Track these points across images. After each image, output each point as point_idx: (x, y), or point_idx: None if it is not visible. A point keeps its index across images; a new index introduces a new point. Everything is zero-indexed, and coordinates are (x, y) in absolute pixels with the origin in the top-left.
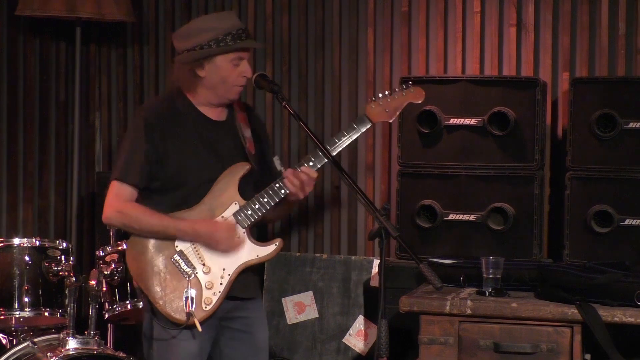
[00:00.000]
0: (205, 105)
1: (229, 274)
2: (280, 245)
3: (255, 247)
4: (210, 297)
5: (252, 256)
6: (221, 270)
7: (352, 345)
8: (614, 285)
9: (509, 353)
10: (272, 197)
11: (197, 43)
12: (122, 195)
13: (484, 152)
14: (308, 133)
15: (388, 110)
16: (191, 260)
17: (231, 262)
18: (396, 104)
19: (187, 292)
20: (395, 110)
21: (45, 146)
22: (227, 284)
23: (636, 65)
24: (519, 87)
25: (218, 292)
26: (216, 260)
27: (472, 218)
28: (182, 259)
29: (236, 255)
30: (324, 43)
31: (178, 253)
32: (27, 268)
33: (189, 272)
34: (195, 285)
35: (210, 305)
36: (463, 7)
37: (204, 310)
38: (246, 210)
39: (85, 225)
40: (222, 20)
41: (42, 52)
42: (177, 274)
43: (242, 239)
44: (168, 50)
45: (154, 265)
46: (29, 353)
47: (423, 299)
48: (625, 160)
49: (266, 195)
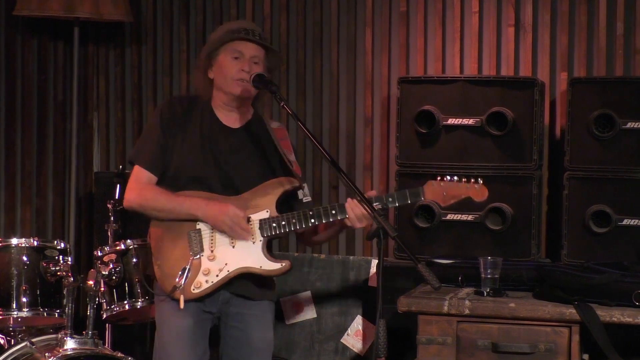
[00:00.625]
0: (221, 109)
1: (228, 270)
2: (286, 267)
3: (264, 258)
4: (201, 282)
5: (257, 265)
6: (223, 263)
7: (350, 346)
8: (612, 285)
9: (507, 353)
10: (314, 218)
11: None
12: (141, 179)
13: (482, 152)
14: (306, 133)
15: (445, 195)
16: (203, 242)
17: (236, 261)
18: (456, 192)
19: (186, 267)
20: (452, 199)
21: (43, 146)
22: (222, 278)
23: (634, 66)
24: (517, 87)
25: (211, 282)
26: (224, 253)
27: (470, 218)
28: (196, 236)
29: (243, 256)
30: (322, 43)
31: (196, 230)
32: (25, 268)
33: (196, 251)
34: (195, 266)
35: (198, 290)
36: (461, 7)
37: (191, 292)
38: (273, 222)
39: (83, 225)
40: (231, 23)
41: (40, 52)
42: (185, 248)
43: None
44: (166, 50)
45: (170, 231)
46: (27, 353)
47: (421, 299)
48: (624, 160)
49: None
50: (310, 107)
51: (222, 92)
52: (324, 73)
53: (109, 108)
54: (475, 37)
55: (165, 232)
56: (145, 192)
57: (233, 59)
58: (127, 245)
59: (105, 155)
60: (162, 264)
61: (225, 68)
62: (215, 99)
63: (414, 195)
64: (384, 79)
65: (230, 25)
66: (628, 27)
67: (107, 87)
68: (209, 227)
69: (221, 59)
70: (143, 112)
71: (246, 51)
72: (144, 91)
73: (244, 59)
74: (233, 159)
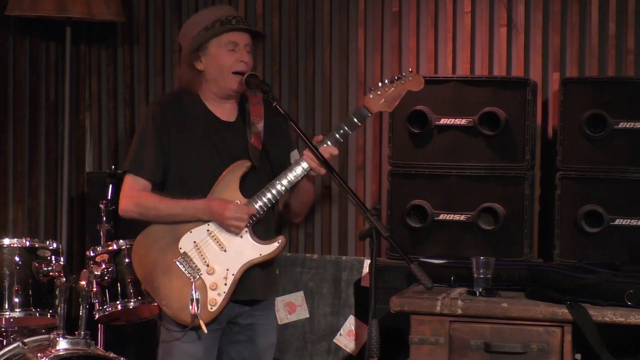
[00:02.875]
0: (213, 102)
1: (232, 274)
2: (283, 242)
3: (257, 245)
4: (215, 298)
5: (255, 255)
6: (225, 270)
7: (343, 346)
8: (604, 285)
9: (500, 353)
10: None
11: (191, 36)
12: (137, 186)
13: (474, 152)
14: (298, 133)
15: (387, 100)
16: (195, 262)
17: (235, 262)
18: (395, 92)
19: (192, 293)
20: (395, 100)
21: (35, 146)
22: (231, 284)
23: (626, 66)
24: (510, 87)
25: (223, 292)
26: (220, 261)
27: (462, 218)
28: (186, 261)
29: (239, 254)
30: (315, 43)
31: (182, 255)
32: (17, 268)
33: (193, 274)
34: (200, 286)
35: (215, 306)
36: (453, 7)
37: (210, 312)
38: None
39: (75, 225)
40: (214, 10)
41: (32, 52)
42: (181, 276)
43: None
44: (158, 49)
45: (158, 268)
46: (19, 354)
47: (414, 299)
48: (616, 160)
49: (272, 188)
50: (302, 107)
51: (215, 85)
52: (317, 73)
53: (101, 108)
54: (467, 37)
55: (152, 270)
56: (144, 200)
57: (228, 50)
58: (119, 245)
59: (97, 155)
60: (169, 302)
61: (220, 60)
62: (205, 91)
63: (360, 116)
64: (376, 79)
65: (216, 12)
66: (620, 27)
67: (99, 87)
68: (191, 244)
69: (213, 50)
70: (135, 112)
71: (240, 41)
72: (136, 91)
73: (239, 49)
74: (235, 153)
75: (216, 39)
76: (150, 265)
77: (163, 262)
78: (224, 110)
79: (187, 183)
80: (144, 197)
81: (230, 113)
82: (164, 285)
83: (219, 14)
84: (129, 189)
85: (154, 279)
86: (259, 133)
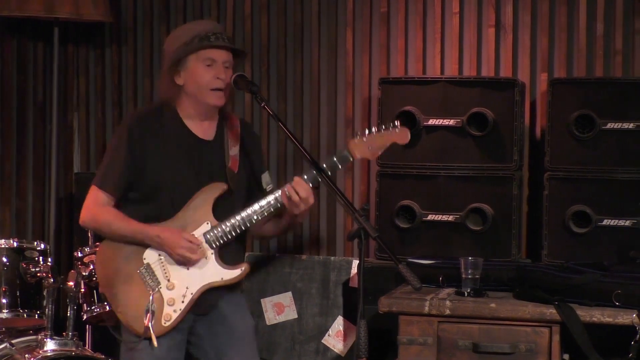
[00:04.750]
0: (192, 119)
1: (191, 293)
2: (245, 270)
3: (221, 269)
4: (170, 314)
5: (217, 278)
6: (184, 288)
7: (331, 346)
8: (592, 285)
9: (488, 353)
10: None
11: (172, 50)
12: (99, 200)
13: (462, 152)
14: (287, 133)
15: (371, 148)
16: (157, 274)
17: (195, 282)
18: (380, 142)
19: (148, 305)
20: (379, 149)
21: (22, 147)
22: (188, 302)
23: (614, 66)
24: (498, 88)
25: (179, 309)
26: (181, 278)
27: (451, 218)
28: (148, 272)
29: (201, 275)
30: (303, 44)
31: (145, 266)
32: (5, 269)
33: (153, 286)
34: (158, 300)
35: (169, 322)
36: (442, 8)
37: (163, 326)
38: (216, 231)
39: (63, 226)
40: (195, 25)
41: (19, 53)
42: (141, 286)
43: (203, 256)
44: (146, 50)
45: (119, 275)
46: (6, 355)
47: (402, 299)
48: (604, 160)
49: (243, 215)
50: (291, 108)
51: (194, 100)
52: (305, 74)
53: (89, 109)
54: (455, 38)
55: (114, 276)
56: (100, 216)
57: (205, 66)
58: None
59: (85, 156)
60: (124, 310)
61: (198, 76)
62: (183, 107)
63: (343, 159)
64: (364, 80)
65: (196, 27)
66: (608, 28)
67: (87, 87)
68: (156, 257)
69: (191, 66)
70: (123, 113)
71: (218, 57)
72: (124, 92)
73: (216, 66)
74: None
75: (194, 54)
76: (113, 271)
77: (125, 270)
78: (202, 127)
79: (160, 197)
80: (102, 213)
81: (208, 131)
82: (122, 293)
83: (199, 30)
84: (91, 201)
85: (114, 285)
86: (235, 156)
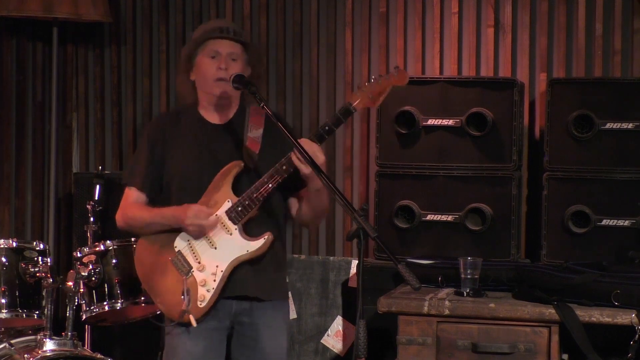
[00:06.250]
0: (207, 110)
1: (221, 271)
2: (269, 238)
3: (246, 242)
4: (204, 294)
5: (243, 251)
6: (215, 267)
7: (331, 346)
8: (591, 285)
9: (487, 353)
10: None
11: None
12: (128, 198)
13: (461, 152)
14: (286, 133)
15: (372, 96)
16: (188, 259)
17: (224, 259)
18: (380, 88)
19: (183, 289)
20: (379, 95)
21: (22, 147)
22: (220, 280)
23: (613, 66)
24: (497, 88)
25: (212, 288)
26: (210, 258)
27: (450, 218)
28: (180, 258)
29: (229, 251)
30: (302, 43)
31: (177, 254)
32: (4, 269)
33: (186, 271)
34: (192, 283)
35: (204, 302)
36: (441, 8)
37: (199, 307)
38: (237, 207)
39: (62, 226)
40: (208, 23)
41: (18, 53)
42: (175, 274)
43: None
44: (145, 50)
45: (156, 268)
46: (6, 355)
47: (401, 299)
48: (602, 160)
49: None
50: (290, 108)
51: (203, 93)
52: (304, 73)
53: (88, 108)
54: (454, 37)
55: (150, 270)
56: (128, 211)
57: (210, 58)
58: (106, 246)
59: (84, 155)
60: (163, 299)
61: (203, 68)
62: (200, 100)
63: (345, 113)
64: (363, 80)
65: (207, 25)
66: (607, 28)
67: (86, 87)
68: (185, 243)
69: (199, 60)
70: (122, 113)
71: (222, 49)
72: (123, 91)
73: (220, 58)
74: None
75: (201, 49)
76: (149, 265)
77: (160, 262)
78: (215, 114)
79: (182, 185)
80: (131, 208)
81: (224, 117)
82: (159, 284)
83: (209, 27)
84: (123, 200)
85: (152, 279)
86: (256, 138)
